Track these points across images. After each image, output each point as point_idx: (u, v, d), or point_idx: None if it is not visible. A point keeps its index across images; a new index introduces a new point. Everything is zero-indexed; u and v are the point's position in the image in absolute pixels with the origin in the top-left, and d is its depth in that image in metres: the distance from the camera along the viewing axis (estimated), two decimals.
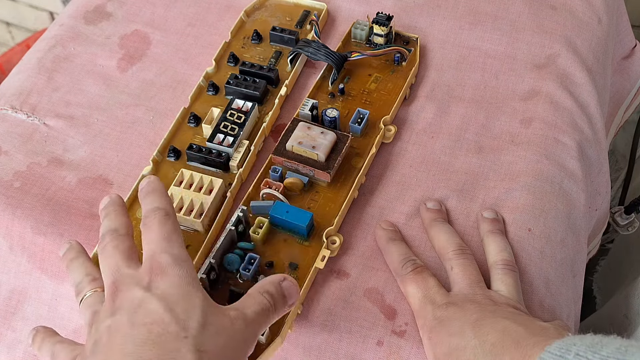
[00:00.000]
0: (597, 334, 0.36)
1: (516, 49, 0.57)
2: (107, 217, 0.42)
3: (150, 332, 0.35)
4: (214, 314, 0.37)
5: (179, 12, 0.61)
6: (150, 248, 0.39)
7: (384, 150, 0.52)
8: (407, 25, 0.59)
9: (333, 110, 0.50)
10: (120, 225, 0.41)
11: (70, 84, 0.56)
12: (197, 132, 0.52)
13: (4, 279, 0.50)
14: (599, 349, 0.34)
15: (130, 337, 0.35)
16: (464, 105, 0.54)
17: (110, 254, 0.40)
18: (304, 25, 0.58)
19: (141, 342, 0.35)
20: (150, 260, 0.38)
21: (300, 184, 0.48)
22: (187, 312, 0.36)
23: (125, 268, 0.39)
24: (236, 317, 0.37)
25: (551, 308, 0.45)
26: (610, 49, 0.61)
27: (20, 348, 0.49)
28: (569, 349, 0.34)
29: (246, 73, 0.54)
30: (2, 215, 0.49)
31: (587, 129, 0.53)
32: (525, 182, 0.49)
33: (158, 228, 0.39)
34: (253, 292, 0.39)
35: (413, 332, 0.43)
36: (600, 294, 0.78)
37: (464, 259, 0.44)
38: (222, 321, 0.37)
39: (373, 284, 0.45)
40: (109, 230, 0.41)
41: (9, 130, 0.54)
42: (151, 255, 0.38)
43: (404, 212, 0.49)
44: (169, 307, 0.36)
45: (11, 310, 0.49)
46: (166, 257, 0.38)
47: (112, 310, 0.37)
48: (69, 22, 0.60)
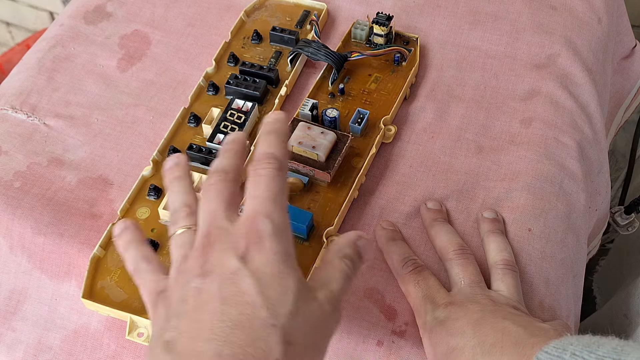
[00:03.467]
0: (595, 335, 0.36)
1: (516, 49, 0.57)
2: (224, 154, 0.39)
3: (241, 313, 0.33)
4: (304, 299, 0.34)
5: (179, 12, 0.61)
6: (254, 205, 0.36)
7: (384, 150, 0.52)
8: (407, 25, 0.59)
9: (333, 110, 0.50)
10: (232, 167, 0.38)
11: (70, 84, 0.56)
12: (197, 132, 0.52)
13: (4, 279, 0.50)
14: (595, 349, 0.34)
15: (220, 314, 0.33)
16: (464, 105, 0.54)
17: (212, 198, 0.37)
18: (304, 25, 0.58)
19: (231, 324, 0.33)
20: (251, 222, 0.35)
21: (301, 184, 0.48)
22: (279, 297, 0.33)
23: (222, 219, 0.36)
24: (324, 299, 0.35)
25: (551, 308, 0.45)
26: (610, 49, 0.61)
27: (21, 348, 0.49)
28: (566, 349, 0.35)
29: (246, 73, 0.54)
30: (2, 215, 0.49)
31: (587, 129, 0.53)
32: (525, 182, 0.49)
33: (267, 183, 0.36)
34: (333, 258, 0.37)
35: (413, 332, 0.43)
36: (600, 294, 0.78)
37: (465, 259, 0.44)
38: (311, 307, 0.34)
39: (373, 284, 0.45)
40: (218, 170, 0.38)
41: (9, 130, 0.54)
42: (253, 215, 0.35)
43: (404, 212, 0.49)
44: (261, 288, 0.33)
45: (11, 310, 0.49)
46: (267, 224, 0.35)
47: (203, 270, 0.35)
48: (69, 22, 0.60)
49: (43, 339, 0.48)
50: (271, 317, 0.33)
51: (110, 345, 0.46)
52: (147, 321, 0.43)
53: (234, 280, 0.34)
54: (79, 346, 0.47)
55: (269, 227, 0.35)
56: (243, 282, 0.33)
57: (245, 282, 0.33)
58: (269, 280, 0.34)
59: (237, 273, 0.34)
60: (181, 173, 0.40)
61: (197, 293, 0.34)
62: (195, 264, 0.35)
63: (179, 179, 0.40)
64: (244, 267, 0.34)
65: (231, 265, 0.34)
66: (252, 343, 0.32)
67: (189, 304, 0.34)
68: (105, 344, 0.46)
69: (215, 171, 0.38)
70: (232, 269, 0.34)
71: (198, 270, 0.35)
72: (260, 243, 0.35)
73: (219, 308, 0.33)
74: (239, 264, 0.34)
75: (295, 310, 0.33)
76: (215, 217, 0.36)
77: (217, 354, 0.32)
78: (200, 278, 0.34)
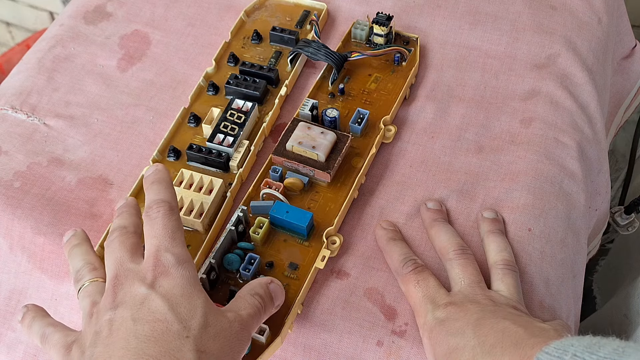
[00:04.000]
0: (596, 335, 0.36)
1: (516, 49, 0.57)
2: (120, 216, 0.42)
3: (154, 329, 0.36)
4: (214, 315, 0.37)
5: (179, 12, 0.61)
6: (154, 244, 0.39)
7: (384, 150, 0.52)
8: (407, 25, 0.59)
9: (333, 110, 0.50)
10: (130, 224, 0.42)
11: (70, 84, 0.56)
12: (197, 132, 0.52)
13: (4, 279, 0.50)
14: (596, 350, 0.34)
15: (133, 332, 0.35)
16: (464, 105, 0.54)
17: (115, 248, 0.40)
18: (304, 25, 0.58)
19: (144, 338, 0.35)
20: (154, 258, 0.39)
21: (300, 184, 0.48)
22: (189, 312, 0.37)
23: (128, 262, 0.39)
24: (233, 319, 0.38)
25: (551, 308, 0.45)
26: (610, 49, 0.61)
27: (21, 348, 0.49)
28: (566, 350, 0.34)
29: (246, 73, 0.54)
30: (2, 215, 0.49)
31: (587, 129, 0.53)
32: (525, 182, 0.49)
33: (162, 223, 0.40)
34: (244, 294, 0.40)
35: (413, 332, 0.43)
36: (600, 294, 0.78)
37: (465, 259, 0.44)
38: (221, 323, 0.37)
39: (373, 284, 0.45)
40: (118, 227, 0.41)
41: (9, 130, 0.54)
42: (155, 252, 0.39)
43: (404, 212, 0.49)
44: (172, 307, 0.37)
45: (11, 310, 0.49)
46: (170, 257, 0.38)
47: (114, 303, 0.37)
48: (69, 22, 0.60)
49: None
50: (184, 330, 0.36)
51: None
52: None
53: (145, 304, 0.37)
54: None
55: (172, 259, 0.39)
56: (154, 304, 0.37)
57: (156, 303, 0.37)
58: (179, 299, 0.37)
59: (147, 298, 0.37)
60: (78, 241, 0.44)
61: (109, 323, 0.37)
62: (106, 302, 0.38)
63: (76, 247, 0.43)
64: (153, 292, 0.37)
65: (141, 292, 0.37)
66: (166, 353, 0.35)
67: (103, 333, 0.36)
68: None
69: (115, 229, 0.42)
70: (142, 296, 0.37)
71: (109, 305, 0.38)
72: (167, 272, 0.38)
73: (132, 328, 0.36)
74: (147, 291, 0.37)
75: (205, 323, 0.37)
76: (121, 261, 0.39)
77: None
78: (112, 310, 0.37)
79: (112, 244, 0.41)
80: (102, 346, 0.36)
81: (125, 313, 0.37)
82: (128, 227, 0.41)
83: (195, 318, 0.37)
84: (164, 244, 0.39)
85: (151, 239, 0.40)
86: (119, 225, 0.42)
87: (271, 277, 0.42)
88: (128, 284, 0.38)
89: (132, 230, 0.41)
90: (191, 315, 0.37)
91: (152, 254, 0.39)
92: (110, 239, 0.41)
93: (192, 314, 0.37)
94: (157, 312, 0.36)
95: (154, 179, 0.42)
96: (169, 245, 0.39)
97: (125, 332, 0.36)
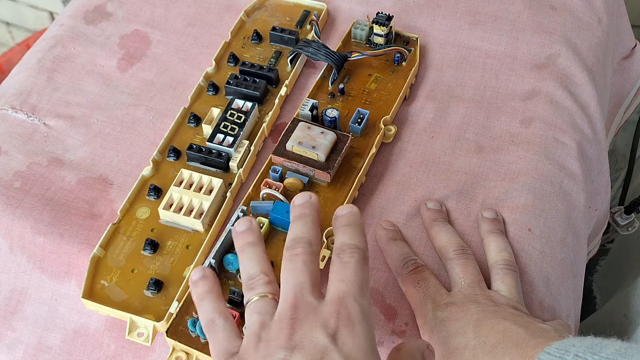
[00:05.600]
0: (597, 336, 0.36)
1: (516, 49, 0.57)
2: (303, 220, 0.38)
3: None
4: None
5: (179, 12, 0.61)
6: (342, 288, 0.35)
7: (384, 150, 0.52)
8: (407, 25, 0.59)
9: (333, 110, 0.50)
10: (315, 238, 0.38)
11: (70, 84, 0.56)
12: (197, 132, 0.52)
13: (4, 279, 0.50)
14: (598, 351, 0.34)
15: None
16: (464, 105, 0.54)
17: (299, 270, 0.36)
18: (304, 25, 0.58)
19: None
20: (339, 303, 0.35)
21: (300, 184, 0.48)
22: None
23: (309, 295, 0.36)
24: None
25: (551, 308, 0.45)
26: (610, 49, 0.61)
27: (21, 348, 0.49)
28: (568, 350, 0.34)
29: (246, 73, 0.54)
30: (2, 215, 0.49)
31: (587, 129, 0.53)
32: (525, 182, 0.49)
33: (355, 270, 0.36)
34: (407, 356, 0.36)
35: (413, 332, 0.43)
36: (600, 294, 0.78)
37: (465, 259, 0.44)
38: None
39: (373, 284, 0.45)
40: (303, 239, 0.38)
41: (9, 130, 0.54)
42: (341, 297, 0.35)
43: (404, 212, 0.49)
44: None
45: (11, 310, 0.49)
46: (357, 307, 0.35)
47: (290, 343, 0.34)
48: (69, 22, 0.60)
49: (43, 339, 0.48)
50: None
51: (110, 345, 0.46)
52: (147, 321, 0.43)
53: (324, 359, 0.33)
54: (78, 346, 0.47)
55: (358, 309, 0.35)
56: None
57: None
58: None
59: (327, 352, 0.33)
60: (255, 239, 0.39)
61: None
62: (281, 334, 0.34)
63: (253, 245, 0.39)
64: (334, 347, 0.33)
65: (321, 342, 0.33)
66: None
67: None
68: (105, 344, 0.46)
69: (300, 240, 0.37)
70: (322, 347, 0.33)
71: (285, 342, 0.34)
72: (351, 325, 0.34)
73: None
74: (329, 343, 0.33)
75: None
76: (302, 290, 0.36)
77: None
78: (287, 350, 0.33)
79: (296, 261, 0.37)
80: None
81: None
82: (314, 245, 0.38)
83: None
84: (353, 291, 0.35)
85: (339, 282, 0.36)
86: (304, 236, 0.38)
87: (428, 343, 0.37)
88: (308, 326, 0.34)
89: (316, 249, 0.38)
90: None
91: (338, 298, 0.35)
92: (294, 251, 0.37)
93: None
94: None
95: (349, 221, 0.38)
96: (358, 295, 0.35)
97: None
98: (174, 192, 0.48)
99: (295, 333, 0.34)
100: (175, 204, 0.47)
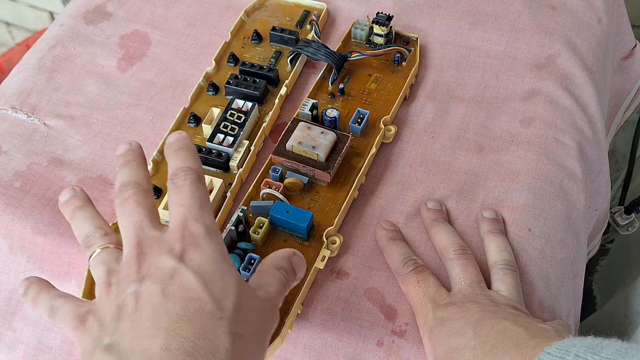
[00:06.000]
0: (597, 336, 0.36)
1: (516, 49, 0.57)
2: (128, 166, 0.38)
3: (187, 308, 0.33)
4: (246, 294, 0.35)
5: (179, 12, 0.61)
6: (182, 212, 0.36)
7: (384, 150, 0.52)
8: (407, 25, 0.59)
9: (333, 110, 0.50)
10: (143, 178, 0.38)
11: (70, 84, 0.56)
12: (197, 132, 0.52)
13: (4, 279, 0.50)
14: (599, 351, 0.34)
15: (164, 309, 0.33)
16: (464, 105, 0.54)
17: (132, 210, 0.36)
18: (304, 25, 0.58)
19: (177, 317, 0.33)
20: (182, 227, 0.35)
21: (300, 184, 0.48)
22: (222, 291, 0.34)
23: (150, 229, 0.36)
24: (264, 297, 0.36)
25: (551, 308, 0.45)
26: (610, 49, 0.61)
27: (21, 348, 0.49)
28: (569, 350, 0.34)
29: (246, 73, 0.54)
30: (2, 215, 0.49)
31: (587, 129, 0.53)
32: (525, 182, 0.49)
33: (190, 191, 0.36)
34: (269, 268, 0.38)
35: (413, 332, 0.43)
36: (600, 294, 0.78)
37: (465, 259, 0.44)
38: (253, 303, 0.35)
39: (373, 284, 0.45)
40: (130, 182, 0.37)
41: (9, 130, 0.54)
42: (183, 221, 0.35)
43: (404, 212, 0.49)
44: (205, 284, 0.34)
45: (11, 310, 0.49)
46: (200, 227, 0.35)
47: (139, 275, 0.34)
48: (69, 22, 0.60)
49: (43, 339, 0.48)
50: (218, 310, 0.33)
51: None
52: None
53: (175, 279, 0.34)
54: None
55: (202, 229, 0.35)
56: (185, 279, 0.34)
57: (188, 279, 0.34)
58: (211, 276, 0.34)
59: (177, 272, 0.34)
60: (80, 202, 0.39)
61: (135, 297, 0.34)
62: (129, 271, 0.35)
63: (80, 209, 0.39)
64: (183, 265, 0.34)
65: (169, 265, 0.34)
66: (200, 335, 0.32)
67: (128, 308, 0.34)
68: None
69: (127, 184, 0.37)
70: (170, 269, 0.34)
71: (134, 277, 0.34)
72: (197, 244, 0.35)
73: (163, 305, 0.33)
74: (178, 264, 0.34)
75: (239, 304, 0.34)
76: (142, 227, 0.36)
77: (165, 348, 0.32)
78: (137, 283, 0.34)
79: (127, 204, 0.37)
80: (127, 321, 0.33)
81: (154, 287, 0.33)
82: (142, 184, 0.37)
83: (229, 297, 0.34)
84: (193, 213, 0.35)
85: (178, 207, 0.36)
86: (130, 179, 0.37)
87: (293, 249, 0.40)
88: (153, 254, 0.35)
89: (146, 187, 0.38)
90: (224, 294, 0.34)
91: (180, 223, 0.35)
92: (123, 196, 0.37)
93: (225, 292, 0.34)
94: (189, 289, 0.33)
95: (179, 146, 0.38)
96: (198, 215, 0.35)
97: (154, 309, 0.33)
98: None
99: (142, 266, 0.35)
100: None
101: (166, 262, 0.34)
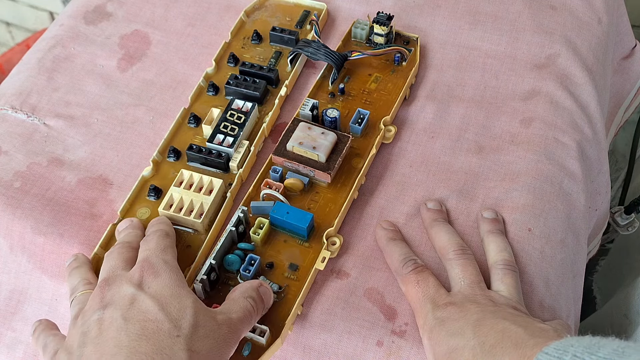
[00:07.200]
0: (595, 336, 0.36)
1: (516, 49, 0.57)
2: (124, 232, 0.45)
3: (145, 328, 0.36)
4: (203, 316, 0.38)
5: (179, 12, 0.61)
6: (145, 253, 0.41)
7: (384, 151, 0.52)
8: (407, 25, 0.59)
9: (334, 110, 0.50)
10: (134, 240, 0.44)
11: (70, 84, 0.56)
12: (197, 133, 0.52)
13: (4, 279, 0.50)
14: (596, 350, 0.34)
15: (124, 330, 0.36)
16: (464, 105, 0.54)
17: (112, 258, 0.42)
18: (304, 25, 0.58)
19: (136, 336, 0.36)
20: (143, 262, 0.40)
21: (301, 185, 0.48)
22: (179, 312, 0.38)
23: (120, 269, 0.41)
24: (223, 321, 0.39)
25: (551, 308, 0.45)
26: (610, 49, 0.61)
27: (20, 348, 0.49)
28: (566, 350, 0.34)
29: (246, 73, 0.54)
30: (2, 215, 0.49)
31: (587, 129, 0.53)
32: (525, 182, 0.49)
33: (156, 241, 0.42)
34: (237, 297, 0.41)
35: (413, 332, 0.43)
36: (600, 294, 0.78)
37: (465, 259, 0.44)
38: (210, 324, 0.38)
39: (373, 284, 0.45)
40: (121, 242, 0.44)
41: (9, 130, 0.54)
42: (144, 258, 0.41)
43: (404, 212, 0.49)
44: (162, 307, 0.38)
45: (11, 310, 0.49)
46: (159, 261, 0.40)
47: (102, 304, 0.38)
48: (69, 22, 0.60)
49: None
50: (174, 329, 0.37)
51: None
52: None
53: (135, 304, 0.38)
54: None
55: (160, 261, 0.41)
56: (144, 304, 0.37)
57: (146, 303, 0.38)
58: (168, 300, 0.38)
59: (136, 298, 0.38)
60: (78, 264, 0.45)
61: (99, 323, 0.37)
62: (93, 302, 0.39)
63: (76, 268, 0.45)
64: (142, 292, 0.38)
65: (129, 292, 0.38)
66: (158, 351, 0.35)
67: (92, 333, 0.37)
68: None
69: (118, 243, 0.44)
70: (130, 296, 0.38)
71: (97, 306, 0.39)
72: (155, 273, 0.40)
73: (124, 327, 0.36)
74: (136, 291, 0.38)
75: (195, 323, 0.38)
76: (113, 269, 0.41)
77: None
78: (100, 310, 0.38)
79: (111, 254, 0.43)
80: (91, 345, 0.36)
81: (115, 313, 0.37)
82: (132, 243, 0.44)
83: (186, 318, 0.37)
84: (155, 252, 0.41)
85: (144, 251, 0.42)
86: (121, 240, 0.44)
87: (260, 280, 0.43)
88: (116, 285, 0.39)
89: (135, 245, 0.44)
90: (181, 315, 0.37)
91: (142, 259, 0.41)
92: (110, 250, 0.43)
93: (182, 314, 0.38)
94: (147, 312, 0.37)
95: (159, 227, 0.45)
96: (160, 254, 0.41)
97: (115, 331, 0.36)
98: (174, 192, 0.48)
99: (105, 295, 0.39)
100: (175, 205, 0.47)
101: (126, 290, 0.39)
